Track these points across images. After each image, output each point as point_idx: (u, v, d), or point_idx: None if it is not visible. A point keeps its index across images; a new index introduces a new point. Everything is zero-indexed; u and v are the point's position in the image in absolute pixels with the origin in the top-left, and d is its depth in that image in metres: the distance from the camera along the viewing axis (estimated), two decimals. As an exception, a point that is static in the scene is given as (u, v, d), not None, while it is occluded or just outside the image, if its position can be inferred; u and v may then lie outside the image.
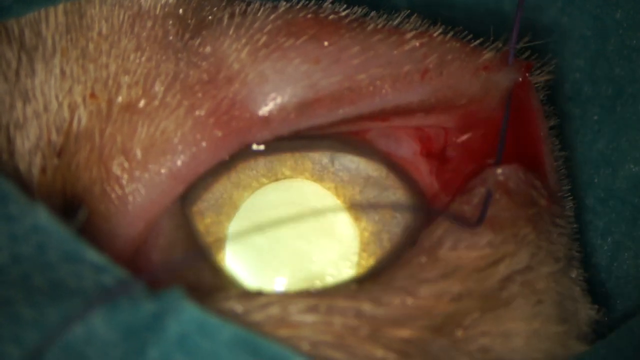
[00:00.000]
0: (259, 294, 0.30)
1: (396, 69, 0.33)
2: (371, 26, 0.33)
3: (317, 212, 0.34)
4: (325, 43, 0.33)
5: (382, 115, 0.34)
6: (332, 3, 0.34)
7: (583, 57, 0.35)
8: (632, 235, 0.35)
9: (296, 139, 0.34)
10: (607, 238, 0.36)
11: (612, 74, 0.35)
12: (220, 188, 0.34)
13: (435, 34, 0.34)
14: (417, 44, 0.33)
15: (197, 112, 0.32)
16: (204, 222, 0.34)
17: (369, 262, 0.34)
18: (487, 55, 0.34)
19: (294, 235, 0.34)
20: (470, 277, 0.31)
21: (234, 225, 0.34)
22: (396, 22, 0.34)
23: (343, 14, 0.34)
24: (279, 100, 0.32)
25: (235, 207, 0.34)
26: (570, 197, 0.36)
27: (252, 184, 0.34)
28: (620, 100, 0.35)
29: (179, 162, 0.32)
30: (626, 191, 0.35)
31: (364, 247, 0.34)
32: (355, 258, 0.34)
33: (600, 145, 0.36)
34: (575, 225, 0.36)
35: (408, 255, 0.32)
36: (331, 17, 0.33)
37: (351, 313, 0.30)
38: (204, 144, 0.32)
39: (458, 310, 0.31)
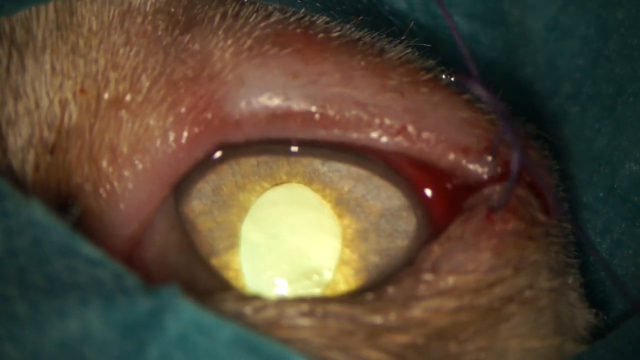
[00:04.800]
0: (255, 297, 0.30)
1: (370, 115, 0.33)
2: (358, 57, 0.34)
3: (308, 212, 0.35)
4: (308, 61, 0.33)
5: (353, 146, 0.34)
6: (327, 23, 0.34)
7: (584, 56, 0.36)
8: (632, 234, 0.36)
9: (290, 144, 0.35)
10: (607, 236, 0.36)
11: (613, 73, 0.36)
12: (227, 190, 0.34)
13: (423, 89, 0.34)
14: (400, 95, 0.34)
15: (178, 109, 0.33)
16: (215, 220, 0.34)
17: (352, 257, 0.34)
18: (470, 140, 0.34)
19: (291, 233, 0.35)
20: (468, 295, 0.32)
21: (243, 225, 0.34)
22: (390, 54, 0.34)
23: (334, 34, 0.34)
24: (252, 105, 0.33)
25: (243, 209, 0.34)
26: (567, 195, 0.36)
27: (255, 188, 0.35)
28: (620, 99, 0.36)
29: (161, 159, 0.33)
30: (626, 189, 0.36)
31: (347, 243, 0.35)
32: (337, 254, 0.35)
33: (600, 143, 0.36)
34: (569, 226, 0.36)
35: (402, 274, 0.32)
36: (320, 35, 0.34)
37: (346, 318, 0.30)
38: (182, 141, 0.33)
39: (454, 324, 0.32)
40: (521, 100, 0.36)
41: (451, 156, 0.34)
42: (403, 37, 0.35)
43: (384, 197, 0.35)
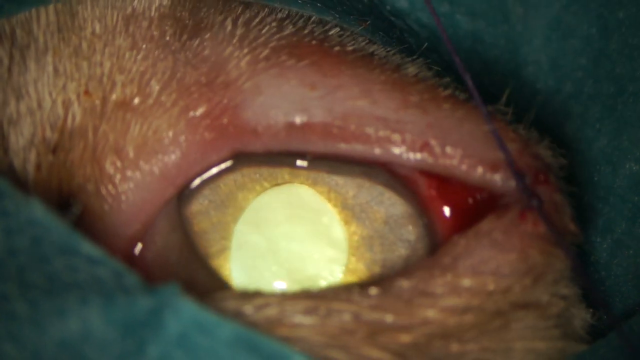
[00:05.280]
0: (256, 294, 0.30)
1: (391, 131, 0.33)
2: (376, 71, 0.33)
3: (309, 215, 0.35)
4: (326, 73, 0.33)
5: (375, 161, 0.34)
6: (340, 36, 0.34)
7: (585, 56, 0.36)
8: (632, 234, 0.36)
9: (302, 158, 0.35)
10: (607, 236, 0.36)
11: (614, 73, 0.35)
12: (226, 190, 0.34)
13: (445, 105, 0.33)
14: (422, 111, 0.33)
15: (190, 113, 0.33)
16: (210, 222, 0.34)
17: (358, 266, 0.34)
18: (497, 154, 0.33)
19: (290, 236, 0.35)
20: (480, 297, 0.32)
21: (239, 227, 0.34)
22: (407, 70, 0.34)
23: (349, 48, 0.34)
24: (269, 114, 0.33)
25: (240, 209, 0.34)
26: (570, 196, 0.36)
27: (255, 187, 0.35)
28: (621, 99, 0.36)
29: (169, 163, 0.33)
30: (626, 189, 0.36)
31: (353, 251, 0.34)
32: (344, 261, 0.34)
33: (601, 143, 0.36)
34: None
35: (415, 267, 0.32)
36: (336, 48, 0.34)
37: (349, 316, 0.30)
38: (194, 145, 0.33)
39: (459, 325, 0.31)
40: (523, 99, 0.36)
41: (479, 171, 0.33)
42: (415, 56, 0.35)
43: (388, 204, 0.35)
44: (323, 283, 0.35)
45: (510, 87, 0.35)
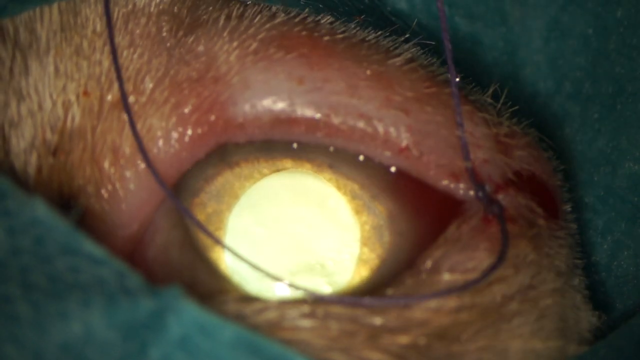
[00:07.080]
0: (256, 298, 0.30)
1: (372, 129, 0.33)
2: (364, 64, 0.33)
3: (319, 203, 0.35)
4: (313, 66, 0.33)
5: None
6: (332, 23, 0.34)
7: (584, 56, 0.36)
8: (632, 234, 0.36)
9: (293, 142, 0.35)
10: (607, 236, 0.36)
11: (613, 72, 0.35)
12: (222, 180, 0.34)
13: (427, 108, 0.33)
14: (404, 113, 0.33)
15: (181, 110, 0.33)
16: (205, 212, 0.34)
17: (371, 256, 0.34)
18: (465, 163, 0.33)
19: (296, 226, 0.34)
20: (468, 294, 0.32)
21: (234, 215, 0.34)
22: (395, 60, 0.34)
23: (339, 36, 0.34)
24: (256, 108, 0.33)
25: (236, 197, 0.34)
26: (570, 196, 0.36)
27: (253, 174, 0.34)
28: (620, 99, 0.36)
29: (163, 160, 0.33)
30: (626, 189, 0.36)
31: (365, 241, 0.34)
32: (356, 252, 0.34)
33: (600, 143, 0.36)
34: (575, 226, 0.36)
35: (403, 275, 0.32)
36: (326, 38, 0.33)
37: (348, 319, 0.30)
38: (185, 141, 0.33)
39: (455, 324, 0.31)
40: (523, 100, 0.36)
41: (445, 180, 0.33)
42: (407, 35, 0.35)
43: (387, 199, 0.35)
44: (331, 265, 0.34)
45: (509, 88, 0.35)
